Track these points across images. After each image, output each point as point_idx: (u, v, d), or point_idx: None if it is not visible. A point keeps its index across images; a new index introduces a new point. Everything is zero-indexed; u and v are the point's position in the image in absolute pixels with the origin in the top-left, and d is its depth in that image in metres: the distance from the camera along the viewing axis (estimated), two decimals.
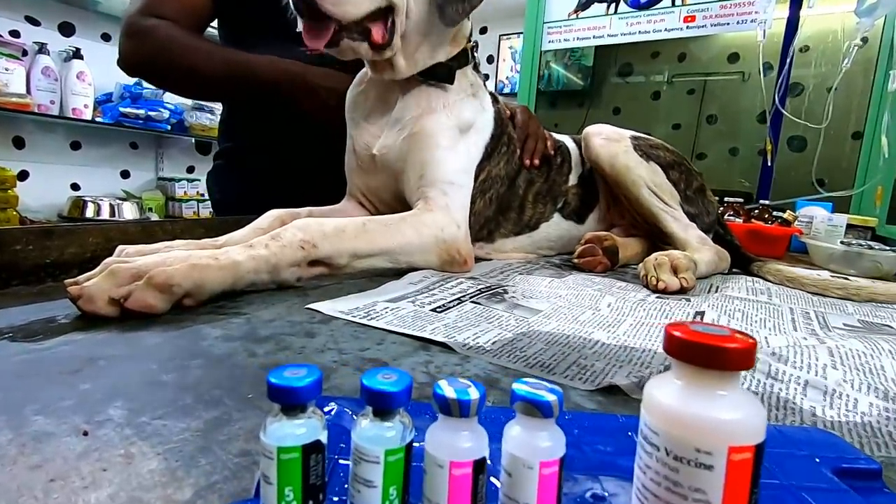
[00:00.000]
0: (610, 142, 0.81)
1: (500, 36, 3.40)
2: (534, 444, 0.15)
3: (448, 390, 0.15)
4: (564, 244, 0.85)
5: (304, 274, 0.52)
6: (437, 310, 0.46)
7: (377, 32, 0.61)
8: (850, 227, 1.15)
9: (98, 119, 2.25)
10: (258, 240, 0.49)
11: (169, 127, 2.46)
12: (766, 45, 1.50)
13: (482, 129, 0.72)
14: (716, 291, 0.67)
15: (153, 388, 0.29)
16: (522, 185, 0.79)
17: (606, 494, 0.18)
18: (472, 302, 0.50)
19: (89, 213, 2.21)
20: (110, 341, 0.36)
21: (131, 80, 2.44)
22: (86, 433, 0.24)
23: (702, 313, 0.54)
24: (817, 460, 0.21)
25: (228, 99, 0.99)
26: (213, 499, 0.20)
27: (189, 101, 2.55)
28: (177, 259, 0.43)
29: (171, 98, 2.49)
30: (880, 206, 1.43)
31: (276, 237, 0.49)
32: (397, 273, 0.58)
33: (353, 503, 0.15)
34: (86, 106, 2.17)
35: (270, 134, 0.92)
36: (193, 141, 2.77)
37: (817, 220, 1.13)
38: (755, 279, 0.77)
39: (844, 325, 0.53)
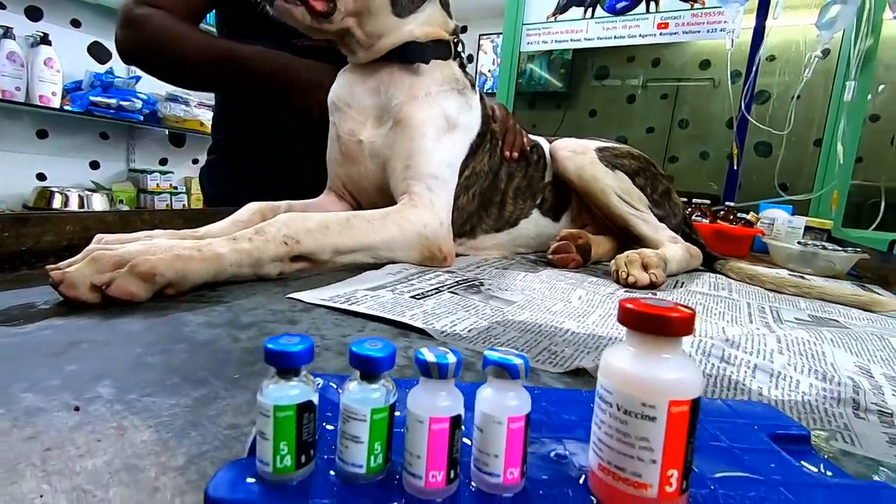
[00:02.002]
0: (576, 154, 0.84)
1: (479, 35, 3.44)
2: (503, 403, 0.17)
3: (429, 355, 0.17)
4: (541, 242, 0.88)
5: (285, 269, 0.52)
6: (417, 297, 0.48)
7: None
8: (808, 228, 1.21)
9: (67, 107, 2.18)
10: (242, 233, 0.49)
11: (141, 117, 2.41)
12: (735, 54, 1.57)
13: (469, 128, 0.73)
14: (681, 287, 0.70)
15: (140, 369, 0.30)
16: (504, 179, 0.81)
17: (568, 453, 0.20)
18: (450, 292, 0.51)
19: (56, 203, 2.15)
20: (92, 326, 0.36)
21: (102, 69, 2.37)
22: (77, 408, 0.24)
23: None
24: (756, 427, 0.24)
25: (219, 89, 0.98)
26: (206, 465, 0.21)
27: (163, 92, 2.50)
28: (160, 248, 0.44)
29: (143, 88, 2.43)
30: (836, 210, 1.51)
31: (260, 231, 0.50)
32: (376, 265, 0.59)
33: (341, 458, 0.17)
34: (53, 93, 2.10)
35: (264, 126, 0.91)
36: (167, 132, 2.71)
37: (778, 221, 1.19)
38: (718, 276, 0.82)
39: (796, 318, 0.57)
